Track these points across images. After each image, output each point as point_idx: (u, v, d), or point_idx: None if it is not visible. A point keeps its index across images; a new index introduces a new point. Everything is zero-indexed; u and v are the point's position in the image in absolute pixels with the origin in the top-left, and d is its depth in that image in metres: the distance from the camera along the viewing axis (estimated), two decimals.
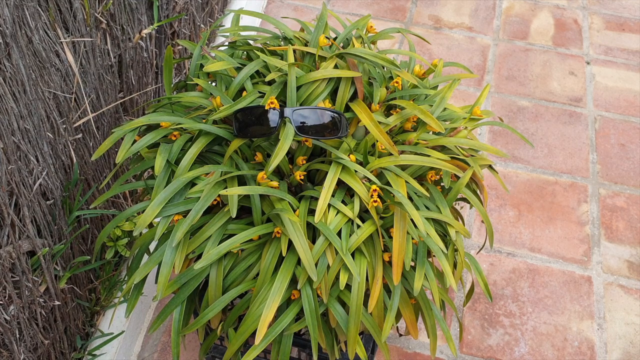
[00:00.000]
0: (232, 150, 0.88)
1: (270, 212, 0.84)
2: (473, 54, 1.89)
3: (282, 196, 0.85)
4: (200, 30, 1.55)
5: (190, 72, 1.00)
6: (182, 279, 0.85)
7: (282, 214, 0.82)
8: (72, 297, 1.10)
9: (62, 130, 1.01)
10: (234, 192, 0.83)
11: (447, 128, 0.97)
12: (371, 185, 0.85)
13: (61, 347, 1.10)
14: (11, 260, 0.90)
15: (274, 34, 1.05)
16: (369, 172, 0.87)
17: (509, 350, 1.27)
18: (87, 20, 1.03)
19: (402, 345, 1.27)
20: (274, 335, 0.83)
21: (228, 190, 0.83)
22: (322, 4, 1.36)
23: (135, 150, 0.90)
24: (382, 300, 0.84)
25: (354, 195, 0.86)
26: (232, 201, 0.83)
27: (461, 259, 0.90)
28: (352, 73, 0.93)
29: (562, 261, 1.41)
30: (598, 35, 1.97)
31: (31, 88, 0.91)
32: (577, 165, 1.60)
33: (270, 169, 0.84)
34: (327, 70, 0.93)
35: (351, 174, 0.86)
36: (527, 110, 1.74)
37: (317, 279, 0.82)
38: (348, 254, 0.82)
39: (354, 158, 0.88)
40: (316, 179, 0.93)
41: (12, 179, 0.88)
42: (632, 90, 1.80)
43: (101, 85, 1.12)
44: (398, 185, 0.85)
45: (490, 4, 2.07)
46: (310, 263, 0.81)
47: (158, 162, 0.88)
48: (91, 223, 1.15)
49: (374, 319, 0.85)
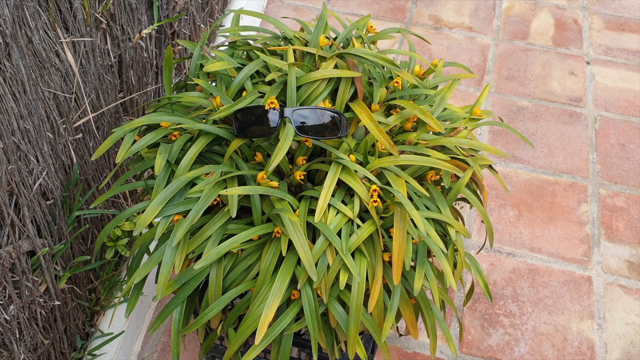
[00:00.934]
0: (232, 150, 0.88)
1: (270, 212, 0.84)
2: (473, 54, 1.89)
3: (282, 196, 0.85)
4: (200, 30, 1.55)
5: (190, 72, 1.00)
6: (182, 279, 0.85)
7: (282, 214, 0.82)
8: (72, 297, 1.10)
9: (62, 130, 1.01)
10: (234, 192, 0.83)
11: (447, 128, 0.97)
12: (371, 185, 0.85)
13: (61, 347, 1.10)
14: (11, 260, 0.90)
15: (274, 34, 1.05)
16: (369, 172, 0.87)
17: (509, 350, 1.27)
18: (87, 20, 1.03)
19: (402, 345, 1.27)
20: (274, 335, 0.83)
21: (228, 190, 0.83)
22: (322, 4, 1.36)
23: (135, 150, 0.90)
24: (382, 300, 0.84)
25: (354, 195, 0.86)
26: (232, 201, 0.83)
27: (461, 259, 0.90)
28: (352, 73, 0.93)
29: (562, 261, 1.41)
30: (598, 35, 1.97)
31: (31, 88, 0.91)
32: (577, 165, 1.60)
33: (270, 169, 0.84)
34: (327, 70, 0.93)
35: (351, 174, 0.86)
36: (527, 110, 1.74)
37: (317, 279, 0.82)
38: (348, 254, 0.82)
39: (354, 158, 0.88)
40: (316, 179, 0.93)
41: (12, 179, 0.88)
42: (632, 90, 1.80)
43: (101, 85, 1.12)
44: (398, 185, 0.85)
45: (490, 4, 2.07)
46: (310, 263, 0.81)
47: (158, 162, 0.88)
48: (91, 223, 1.15)
49: (374, 319, 0.85)
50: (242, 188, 0.83)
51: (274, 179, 0.88)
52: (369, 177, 0.86)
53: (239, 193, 0.83)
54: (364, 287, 0.83)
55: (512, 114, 1.73)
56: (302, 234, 0.82)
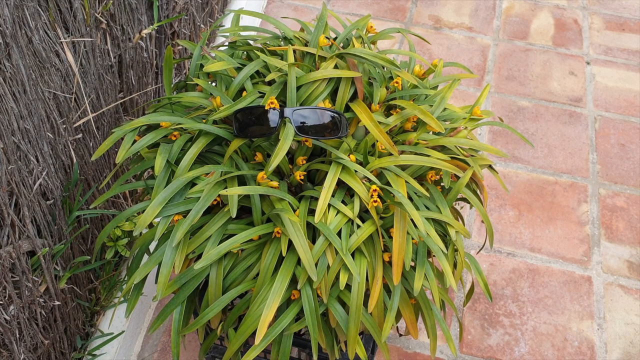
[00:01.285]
0: (232, 150, 0.88)
1: (271, 212, 0.84)
2: (473, 54, 1.89)
3: (282, 196, 0.85)
4: (200, 30, 1.55)
5: (190, 72, 1.00)
6: (182, 279, 0.85)
7: (282, 214, 0.82)
8: (72, 297, 1.10)
9: (62, 130, 1.01)
10: (233, 192, 0.83)
11: (447, 128, 0.97)
12: (371, 185, 0.85)
13: (61, 347, 1.10)
14: (11, 260, 0.90)
15: (274, 34, 1.05)
16: (369, 172, 0.87)
17: (509, 350, 1.27)
18: (87, 20, 1.03)
19: (402, 345, 1.27)
20: (274, 335, 0.83)
21: (228, 190, 0.83)
22: (322, 4, 1.36)
23: (135, 150, 0.90)
24: (382, 300, 0.84)
25: (353, 195, 0.86)
26: (232, 201, 0.83)
27: (461, 259, 0.90)
28: (352, 73, 0.93)
29: (562, 261, 1.41)
30: (598, 35, 1.97)
31: (31, 88, 0.91)
32: (577, 165, 1.60)
33: (271, 169, 0.84)
34: (327, 71, 0.93)
35: (351, 173, 0.86)
36: (527, 110, 1.74)
37: (317, 279, 0.82)
38: (348, 254, 0.82)
39: (354, 158, 0.88)
40: (316, 179, 0.93)
41: (12, 179, 0.88)
42: (632, 90, 1.80)
43: (101, 85, 1.12)
44: (398, 185, 0.85)
45: (490, 4, 2.07)
46: (310, 263, 0.81)
47: (158, 162, 0.88)
48: (91, 223, 1.15)
49: (374, 318, 0.85)
50: (242, 188, 0.83)
51: (274, 179, 0.88)
52: (369, 177, 0.86)
53: (238, 193, 0.83)
54: (364, 287, 0.83)
55: (512, 114, 1.73)
56: (302, 234, 0.82)
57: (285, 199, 0.85)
